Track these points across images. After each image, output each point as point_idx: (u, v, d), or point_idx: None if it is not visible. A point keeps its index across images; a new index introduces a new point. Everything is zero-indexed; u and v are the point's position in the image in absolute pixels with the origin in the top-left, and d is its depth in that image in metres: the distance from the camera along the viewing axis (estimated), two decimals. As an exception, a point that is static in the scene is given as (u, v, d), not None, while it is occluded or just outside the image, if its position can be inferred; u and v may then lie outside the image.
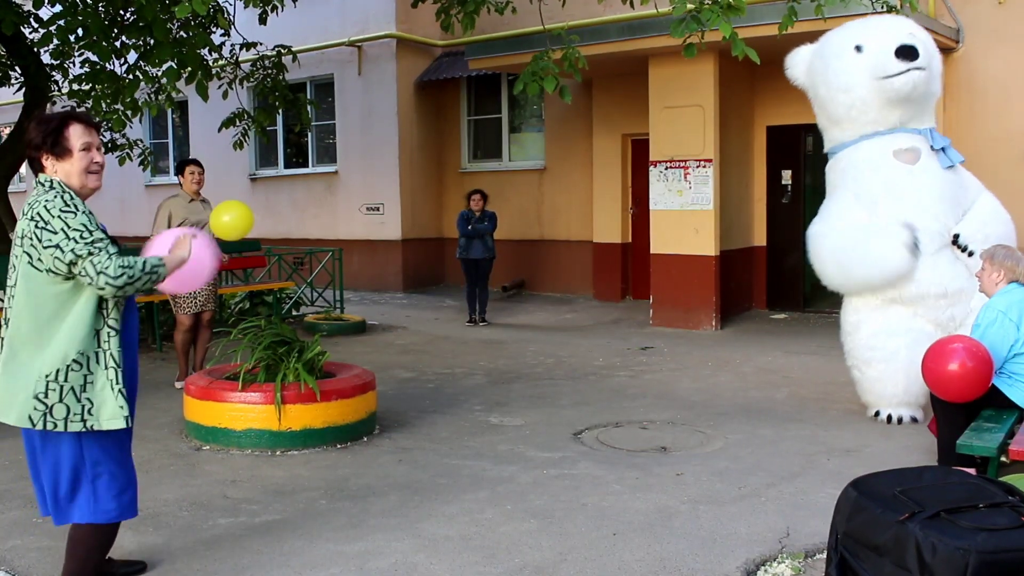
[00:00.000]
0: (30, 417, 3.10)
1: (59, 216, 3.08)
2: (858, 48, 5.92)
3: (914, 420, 5.96)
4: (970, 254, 5.75)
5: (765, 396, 6.90)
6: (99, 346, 3.18)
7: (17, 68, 8.77)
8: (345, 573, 3.67)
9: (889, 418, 5.99)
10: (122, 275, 3.07)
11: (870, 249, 5.78)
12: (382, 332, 10.40)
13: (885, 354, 5.91)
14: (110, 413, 3.17)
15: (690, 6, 6.18)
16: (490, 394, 7.07)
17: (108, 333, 3.20)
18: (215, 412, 5.56)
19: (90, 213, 3.20)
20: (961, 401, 4.62)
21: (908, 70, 5.76)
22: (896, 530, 2.72)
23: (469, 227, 10.70)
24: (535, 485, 4.76)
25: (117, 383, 3.19)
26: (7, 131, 13.21)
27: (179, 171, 7.47)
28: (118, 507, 3.29)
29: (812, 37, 6.51)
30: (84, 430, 3.15)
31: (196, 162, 7.48)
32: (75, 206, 3.14)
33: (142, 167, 11.57)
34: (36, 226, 3.08)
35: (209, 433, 5.59)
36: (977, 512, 2.73)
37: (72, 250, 3.05)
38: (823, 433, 5.80)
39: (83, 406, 3.14)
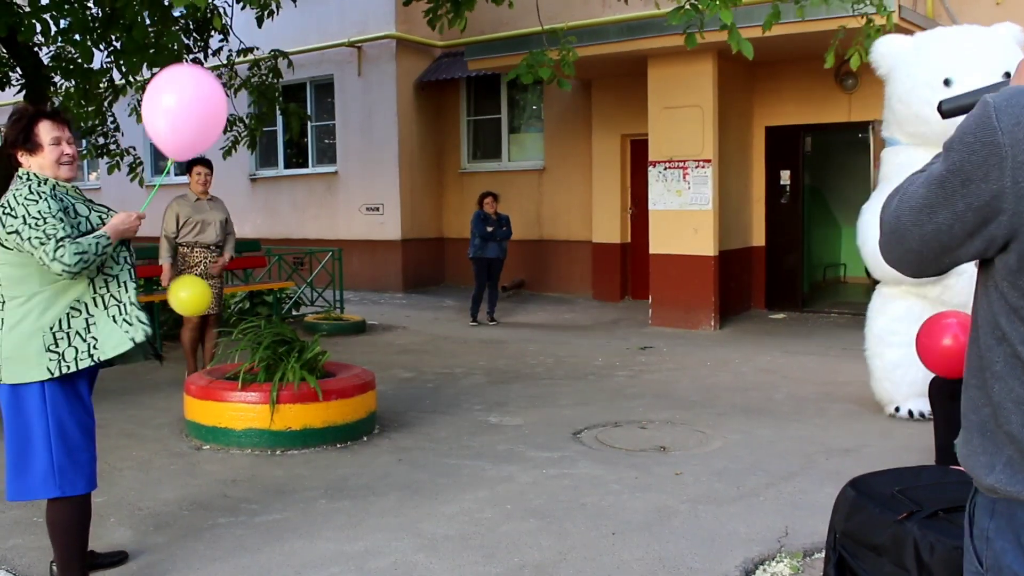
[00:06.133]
0: (48, 368, 3.27)
1: (22, 203, 3.26)
2: (947, 82, 5.52)
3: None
4: None
5: (764, 396, 6.91)
6: (95, 292, 3.38)
7: (18, 70, 8.78)
8: (345, 573, 3.68)
9: (910, 413, 5.98)
10: (78, 261, 3.22)
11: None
12: (382, 332, 10.41)
13: (907, 339, 5.86)
14: (116, 342, 3.37)
15: None
16: (490, 394, 7.08)
17: (105, 279, 3.40)
18: (215, 412, 5.57)
19: (60, 198, 3.33)
20: (955, 376, 4.63)
21: None
22: (894, 529, 2.73)
23: (490, 229, 10.67)
24: (534, 485, 4.77)
25: (121, 314, 3.40)
26: (7, 131, 13.17)
27: (188, 170, 7.34)
28: (82, 479, 3.39)
29: (814, 37, 6.47)
30: (92, 363, 3.33)
31: (204, 162, 7.26)
32: (39, 194, 3.29)
33: (130, 178, 11.29)
34: (3, 212, 3.27)
35: (209, 433, 5.60)
36: (975, 511, 2.74)
37: (28, 238, 3.22)
38: (822, 433, 5.81)
39: (89, 344, 3.34)
